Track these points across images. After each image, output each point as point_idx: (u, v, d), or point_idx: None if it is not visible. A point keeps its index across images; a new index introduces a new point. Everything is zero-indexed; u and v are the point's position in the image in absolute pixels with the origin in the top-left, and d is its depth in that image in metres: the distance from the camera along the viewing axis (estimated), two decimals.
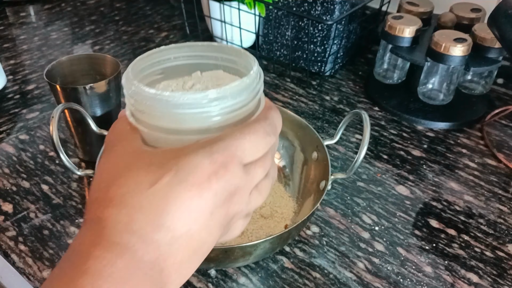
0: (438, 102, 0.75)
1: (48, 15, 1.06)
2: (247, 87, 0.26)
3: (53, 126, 0.48)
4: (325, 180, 0.53)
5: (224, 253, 0.45)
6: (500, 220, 0.58)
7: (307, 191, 0.57)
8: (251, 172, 0.27)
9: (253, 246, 0.45)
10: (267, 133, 0.27)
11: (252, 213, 0.30)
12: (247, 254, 0.46)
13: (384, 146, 0.70)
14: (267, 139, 0.27)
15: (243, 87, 0.26)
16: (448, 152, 0.69)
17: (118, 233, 0.24)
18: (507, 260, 0.53)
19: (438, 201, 0.61)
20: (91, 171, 0.52)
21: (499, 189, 0.63)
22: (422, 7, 0.79)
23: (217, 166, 0.25)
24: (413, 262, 0.52)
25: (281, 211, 0.57)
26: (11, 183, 0.61)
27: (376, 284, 0.50)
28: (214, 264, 0.48)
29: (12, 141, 0.68)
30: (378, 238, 0.55)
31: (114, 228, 0.24)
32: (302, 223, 0.47)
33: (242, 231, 0.30)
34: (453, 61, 0.68)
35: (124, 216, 0.24)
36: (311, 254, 0.53)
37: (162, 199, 0.24)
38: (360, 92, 0.81)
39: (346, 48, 0.85)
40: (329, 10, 0.76)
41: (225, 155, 0.25)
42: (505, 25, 0.58)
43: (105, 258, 0.23)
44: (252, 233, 0.53)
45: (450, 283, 0.51)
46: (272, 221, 0.55)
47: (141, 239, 0.24)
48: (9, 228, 0.55)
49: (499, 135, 0.72)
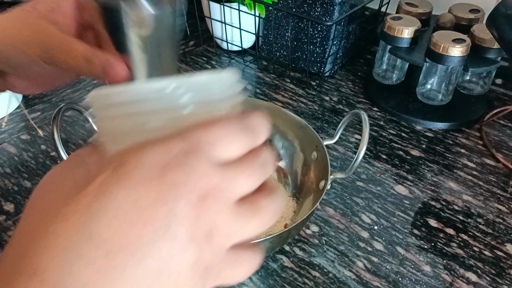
0: (437, 102, 0.75)
1: None
2: (215, 81, 0.24)
3: (54, 125, 0.48)
4: (325, 179, 0.53)
5: None
6: (499, 220, 0.58)
7: (306, 190, 0.58)
8: (227, 172, 0.21)
9: None
10: (241, 129, 0.22)
11: (255, 250, 0.23)
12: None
13: (383, 146, 0.70)
14: (241, 136, 0.22)
15: (209, 79, 0.23)
16: (447, 152, 0.69)
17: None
18: (506, 260, 0.54)
19: (437, 200, 0.61)
20: None
21: (498, 189, 0.63)
22: (421, 8, 0.79)
23: (172, 156, 0.20)
24: (412, 261, 0.53)
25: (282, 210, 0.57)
26: (13, 182, 0.62)
27: (375, 283, 0.50)
28: None
29: (13, 141, 0.69)
30: (377, 237, 0.55)
31: None
32: (301, 222, 0.47)
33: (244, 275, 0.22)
34: (452, 61, 0.69)
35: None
36: (311, 253, 0.53)
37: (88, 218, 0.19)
38: (359, 93, 0.82)
39: (346, 49, 0.86)
40: (329, 11, 0.77)
41: (185, 144, 0.20)
42: (504, 25, 0.58)
43: None
44: None
45: (449, 282, 0.51)
46: None
47: None
48: (10, 228, 0.55)
49: (498, 135, 0.73)
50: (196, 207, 0.20)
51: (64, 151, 0.49)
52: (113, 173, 0.19)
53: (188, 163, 0.20)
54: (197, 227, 0.20)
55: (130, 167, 0.19)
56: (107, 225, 0.19)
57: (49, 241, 0.19)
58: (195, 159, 0.20)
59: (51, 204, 0.21)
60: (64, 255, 0.19)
